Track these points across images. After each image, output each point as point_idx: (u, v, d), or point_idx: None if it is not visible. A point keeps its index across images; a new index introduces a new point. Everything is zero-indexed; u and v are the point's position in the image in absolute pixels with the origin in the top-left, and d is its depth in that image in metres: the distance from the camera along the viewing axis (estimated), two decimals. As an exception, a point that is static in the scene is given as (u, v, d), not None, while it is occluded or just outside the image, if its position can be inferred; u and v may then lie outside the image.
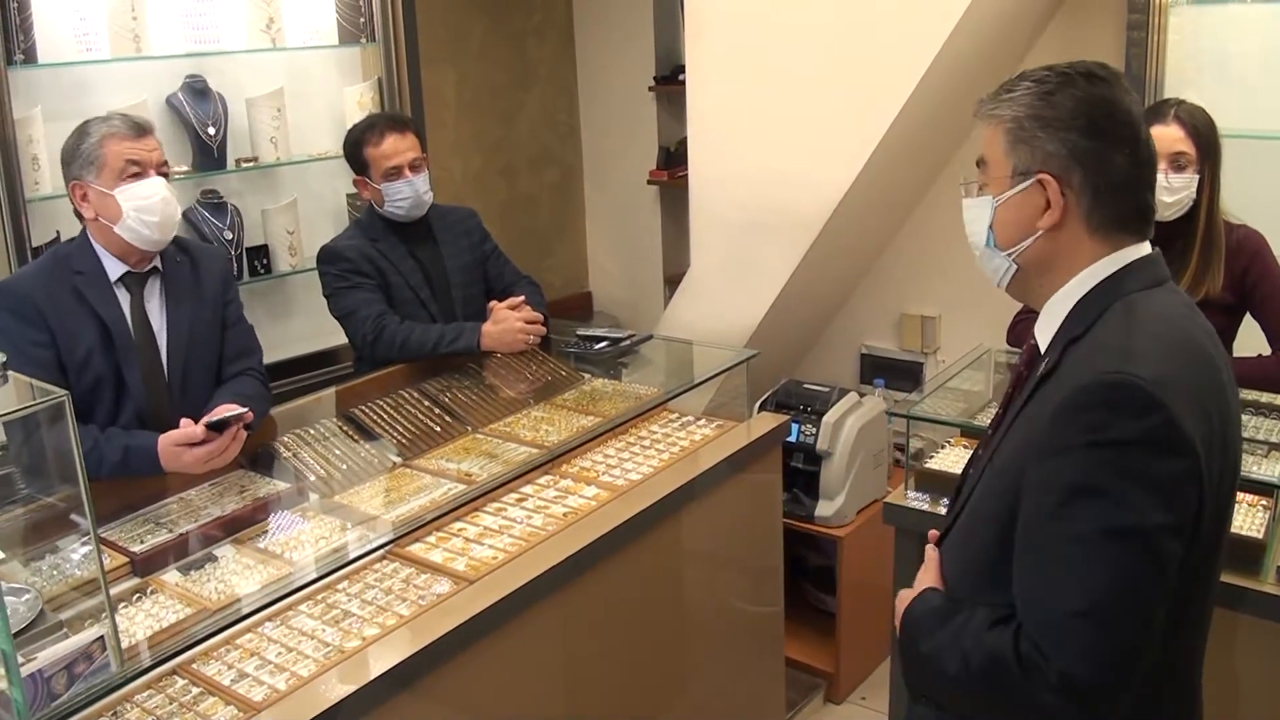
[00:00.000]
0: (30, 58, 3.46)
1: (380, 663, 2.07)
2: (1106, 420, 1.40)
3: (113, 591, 2.15)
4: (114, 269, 2.76)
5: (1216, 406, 1.49)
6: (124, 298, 2.77)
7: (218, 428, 2.60)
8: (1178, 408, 1.40)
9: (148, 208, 2.68)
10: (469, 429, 3.08)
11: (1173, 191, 2.76)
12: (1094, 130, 1.53)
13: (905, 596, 1.71)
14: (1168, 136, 2.77)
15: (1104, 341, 1.50)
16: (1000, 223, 1.61)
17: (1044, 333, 1.62)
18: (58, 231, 3.53)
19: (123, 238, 2.70)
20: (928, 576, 1.71)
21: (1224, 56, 3.72)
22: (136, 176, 2.69)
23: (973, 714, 1.62)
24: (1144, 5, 3.66)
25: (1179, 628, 1.53)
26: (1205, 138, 2.79)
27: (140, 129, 2.72)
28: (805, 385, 3.80)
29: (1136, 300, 1.53)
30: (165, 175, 2.76)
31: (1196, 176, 2.77)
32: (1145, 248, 1.59)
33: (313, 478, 2.80)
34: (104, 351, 2.72)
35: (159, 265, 2.82)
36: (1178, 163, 2.77)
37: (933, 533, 1.79)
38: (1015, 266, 1.62)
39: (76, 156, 2.69)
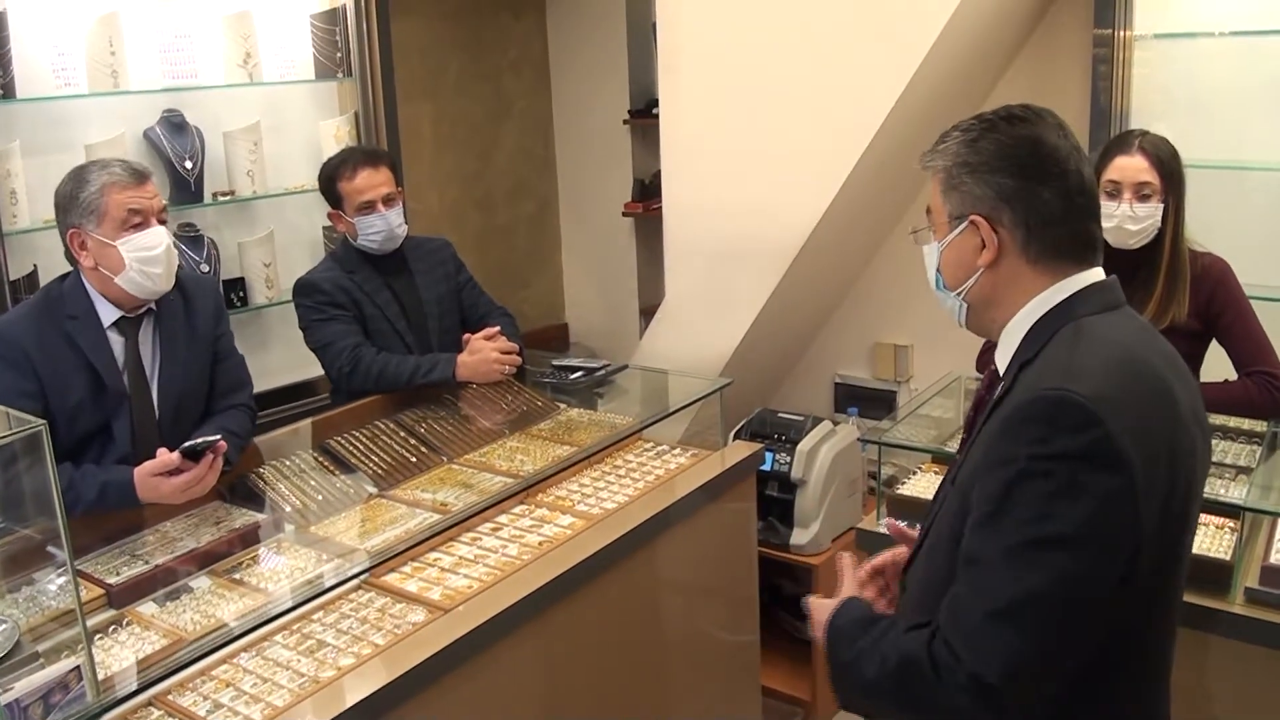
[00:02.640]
0: (9, 92, 3.48)
1: (355, 693, 2.07)
2: (1045, 434, 1.44)
3: (89, 623, 2.14)
4: (107, 314, 2.70)
5: (1163, 426, 1.52)
6: (117, 342, 2.72)
7: (191, 454, 2.59)
8: (1116, 425, 1.43)
9: (151, 259, 2.64)
10: (445, 459, 3.09)
11: (1137, 220, 2.81)
12: (1019, 170, 1.59)
13: (822, 606, 1.74)
14: (1132, 167, 2.82)
15: (1050, 361, 1.54)
16: (946, 265, 1.69)
17: (1002, 358, 1.67)
18: (35, 265, 3.54)
19: (123, 288, 2.66)
20: (847, 588, 1.78)
21: (1188, 89, 3.78)
22: (138, 227, 2.63)
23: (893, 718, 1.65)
24: (1109, 39, 3.72)
25: (1137, 648, 1.56)
26: (1169, 167, 2.83)
27: (141, 176, 2.67)
28: (779, 414, 3.82)
29: (1086, 323, 1.57)
30: (163, 222, 2.71)
31: (1161, 206, 2.81)
32: (1097, 273, 1.63)
33: (289, 509, 2.80)
34: (94, 402, 2.68)
35: (153, 305, 2.77)
36: (1142, 192, 2.81)
37: (900, 552, 1.84)
38: (966, 304, 1.69)
39: (75, 204, 2.62)
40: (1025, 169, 1.59)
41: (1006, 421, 1.49)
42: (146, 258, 2.64)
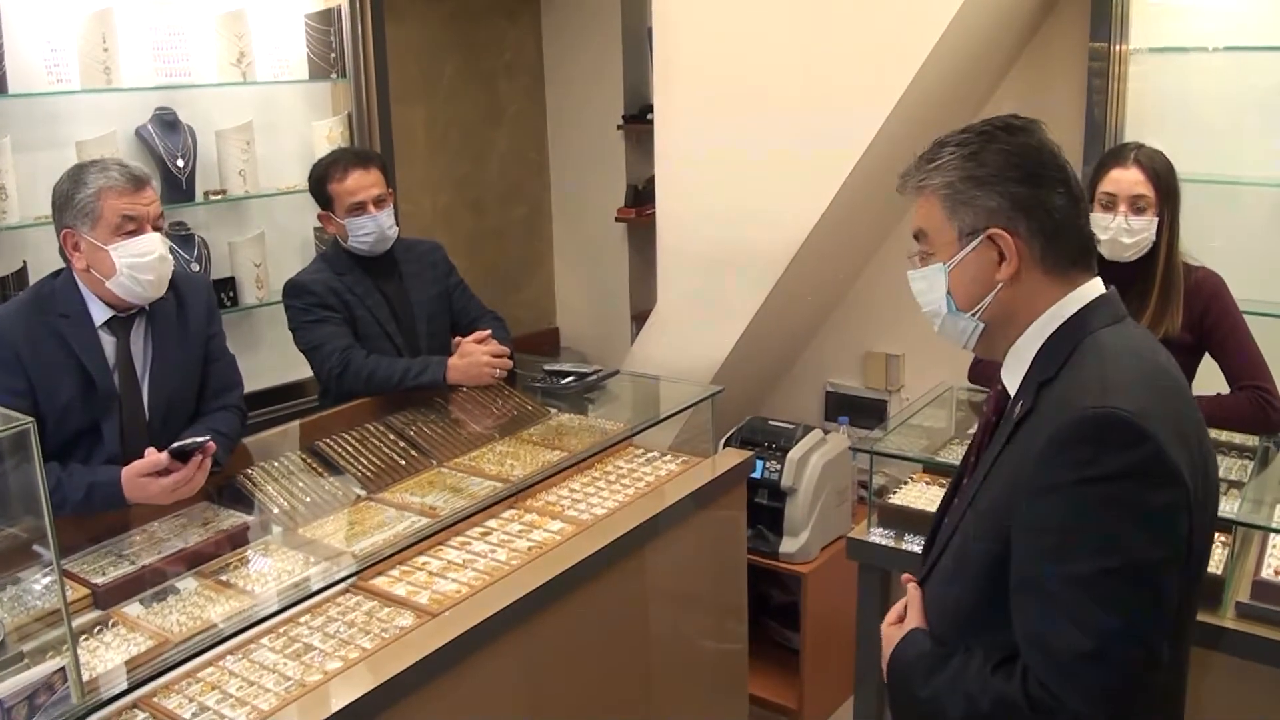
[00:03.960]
0: (0, 88, 3.45)
1: (341, 697, 2.06)
2: (1094, 455, 1.41)
3: (75, 623, 2.12)
4: (100, 313, 2.68)
5: (1195, 434, 1.51)
6: (109, 342, 2.70)
7: (180, 455, 2.58)
8: (1164, 438, 1.41)
9: (143, 266, 2.62)
10: (434, 463, 3.08)
11: (1132, 233, 2.81)
12: (1029, 178, 1.56)
13: (891, 636, 1.71)
14: (1127, 179, 2.82)
15: (1081, 378, 1.51)
16: (958, 285, 1.63)
17: (1012, 376, 1.64)
18: (24, 261, 3.51)
19: (113, 291, 2.64)
20: (913, 616, 1.71)
21: (1183, 103, 3.78)
22: (133, 233, 2.61)
23: None
24: (1105, 53, 3.72)
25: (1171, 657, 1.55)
26: (1164, 181, 2.83)
27: (139, 181, 2.64)
28: (770, 422, 3.82)
29: (1103, 336, 1.55)
30: (160, 229, 2.69)
31: (1156, 219, 2.82)
32: (1100, 286, 1.62)
33: (277, 510, 2.79)
34: (84, 402, 2.65)
35: (145, 305, 2.74)
36: (1137, 205, 2.81)
37: (907, 575, 1.80)
38: (982, 325, 1.64)
39: (71, 205, 2.60)
40: (1034, 176, 1.57)
41: (1048, 444, 1.46)
42: (138, 264, 2.62)
